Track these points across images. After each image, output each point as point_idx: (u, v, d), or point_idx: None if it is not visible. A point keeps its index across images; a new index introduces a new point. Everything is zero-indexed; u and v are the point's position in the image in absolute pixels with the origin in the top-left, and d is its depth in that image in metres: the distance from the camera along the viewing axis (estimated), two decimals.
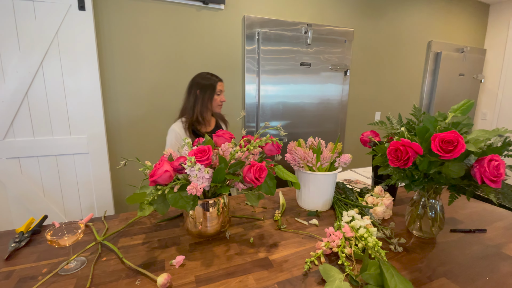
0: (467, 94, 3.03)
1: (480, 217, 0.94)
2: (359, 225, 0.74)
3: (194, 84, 1.41)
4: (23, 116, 1.52)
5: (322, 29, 2.21)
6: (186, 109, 1.42)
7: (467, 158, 0.63)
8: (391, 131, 0.85)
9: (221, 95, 1.43)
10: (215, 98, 1.41)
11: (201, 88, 1.39)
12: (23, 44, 1.45)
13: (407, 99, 2.84)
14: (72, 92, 1.58)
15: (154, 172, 0.67)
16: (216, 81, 1.40)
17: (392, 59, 2.64)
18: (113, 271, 0.64)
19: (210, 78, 1.41)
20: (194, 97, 1.39)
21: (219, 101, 1.43)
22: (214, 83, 1.40)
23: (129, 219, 0.91)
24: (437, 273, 0.64)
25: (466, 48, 2.86)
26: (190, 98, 1.41)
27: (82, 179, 1.68)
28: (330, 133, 2.45)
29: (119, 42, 1.71)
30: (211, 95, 1.39)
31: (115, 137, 1.80)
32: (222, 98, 1.44)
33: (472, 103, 0.71)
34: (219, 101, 1.43)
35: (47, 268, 0.66)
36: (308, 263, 0.64)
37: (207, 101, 1.39)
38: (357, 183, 1.31)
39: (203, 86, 1.39)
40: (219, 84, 1.41)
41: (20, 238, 0.77)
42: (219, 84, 1.41)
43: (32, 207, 1.60)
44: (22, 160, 1.55)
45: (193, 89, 1.41)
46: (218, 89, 1.40)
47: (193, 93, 1.40)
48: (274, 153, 0.82)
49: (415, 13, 2.64)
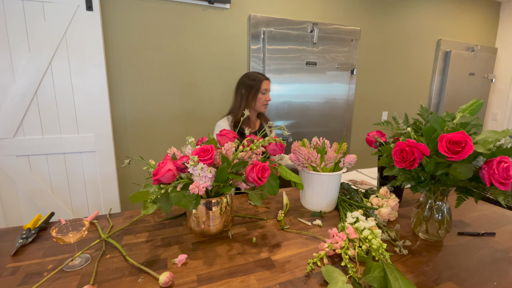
0: (477, 94, 2.96)
1: (489, 220, 0.92)
2: (363, 226, 0.73)
3: (240, 83, 1.44)
4: (33, 115, 1.55)
5: (328, 28, 2.19)
6: (234, 108, 1.45)
7: (475, 160, 0.61)
8: (397, 131, 0.83)
9: (266, 94, 1.42)
10: (260, 97, 1.41)
11: (246, 87, 1.41)
12: (33, 45, 1.48)
13: (415, 99, 2.79)
14: (79, 91, 1.61)
15: (157, 171, 0.67)
16: (262, 80, 1.40)
17: (399, 58, 2.60)
18: (116, 269, 0.65)
19: (255, 77, 1.41)
20: (240, 96, 1.42)
21: (264, 100, 1.42)
22: (259, 82, 1.39)
23: (133, 217, 0.92)
24: (443, 277, 0.62)
25: (476, 46, 2.79)
26: (237, 98, 1.44)
27: (89, 177, 1.71)
28: (336, 133, 2.42)
29: (125, 42, 1.73)
30: (256, 94, 1.40)
31: (121, 136, 1.82)
32: (268, 97, 1.43)
33: (482, 103, 0.69)
34: (264, 100, 1.42)
35: (53, 264, 0.67)
36: (310, 264, 0.64)
37: (251, 100, 1.40)
38: (363, 184, 1.30)
39: (248, 85, 1.40)
40: (265, 82, 1.41)
41: (27, 235, 0.78)
42: (265, 82, 1.41)
43: (40, 204, 1.63)
44: (32, 158, 1.59)
45: (240, 89, 1.43)
46: (263, 88, 1.40)
47: (239, 92, 1.43)
48: (278, 152, 0.81)
49: (423, 11, 2.59)
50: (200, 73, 1.93)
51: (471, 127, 0.68)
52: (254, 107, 1.43)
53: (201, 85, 1.95)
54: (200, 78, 1.93)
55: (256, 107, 1.43)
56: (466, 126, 0.68)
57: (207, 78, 1.95)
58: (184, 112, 1.94)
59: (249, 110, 1.35)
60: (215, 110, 2.02)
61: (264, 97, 1.42)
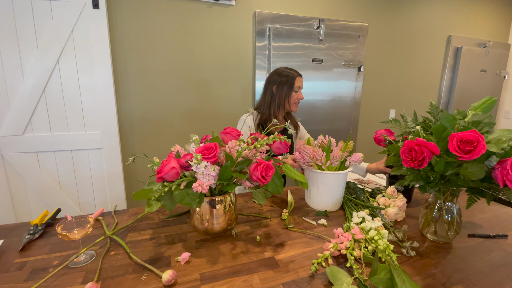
0: (489, 91, 2.87)
1: (501, 222, 0.89)
2: (369, 226, 0.71)
3: (270, 80, 1.30)
4: (41, 112, 1.57)
5: (335, 24, 2.15)
6: (260, 105, 1.32)
7: (487, 159, 0.59)
8: (405, 129, 0.81)
9: (299, 92, 1.29)
10: (292, 95, 1.28)
11: (278, 85, 1.27)
12: (41, 43, 1.50)
13: (424, 97, 2.73)
14: (86, 89, 1.62)
15: (161, 168, 0.67)
16: (295, 77, 1.27)
17: (408, 54, 2.54)
18: (120, 266, 0.65)
19: (288, 74, 1.27)
20: (270, 95, 1.29)
21: (296, 98, 1.29)
22: (292, 79, 1.26)
23: (138, 214, 0.92)
24: (453, 280, 0.60)
25: (488, 42, 2.71)
26: (265, 96, 1.30)
27: (96, 173, 1.73)
28: (342, 131, 2.39)
29: (131, 40, 1.73)
30: (289, 92, 1.27)
31: (127, 133, 1.83)
32: (300, 95, 1.30)
33: (495, 100, 0.67)
34: (296, 98, 1.29)
35: (58, 260, 0.67)
36: (315, 265, 0.63)
37: (284, 98, 1.27)
38: (369, 183, 1.27)
39: (280, 82, 1.27)
40: (298, 79, 1.28)
41: (34, 230, 0.79)
42: (298, 79, 1.28)
43: (49, 200, 1.66)
44: (40, 155, 1.61)
45: (270, 86, 1.29)
46: (296, 86, 1.27)
47: (269, 90, 1.29)
48: (282, 151, 0.80)
49: (433, 6, 2.52)
50: (205, 70, 1.92)
51: (484, 125, 0.65)
52: (284, 106, 1.30)
53: (206, 83, 1.94)
54: (205, 75, 1.93)
55: (286, 106, 1.30)
56: (478, 124, 0.66)
57: (212, 75, 1.95)
58: (189, 109, 1.94)
59: (278, 109, 1.28)
60: (220, 107, 2.01)
61: (296, 95, 1.28)
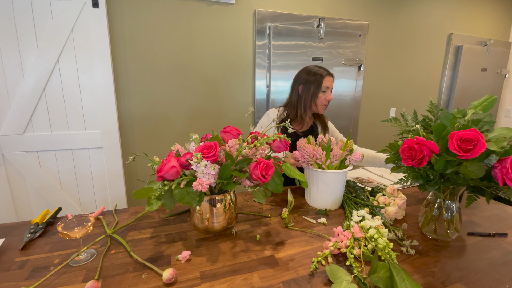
0: (489, 89, 2.87)
1: (501, 220, 0.89)
2: (369, 225, 0.72)
3: (298, 79, 1.23)
4: (41, 112, 1.57)
5: (335, 23, 2.15)
6: (288, 103, 1.27)
7: (487, 158, 0.59)
8: (405, 128, 0.81)
9: (327, 93, 1.20)
10: (319, 95, 1.19)
11: (304, 84, 1.20)
12: (41, 42, 1.50)
13: (424, 95, 2.72)
14: (86, 88, 1.62)
15: (161, 167, 0.67)
16: (323, 76, 1.18)
17: (409, 53, 2.53)
18: (121, 264, 0.66)
19: (316, 72, 1.19)
20: (297, 95, 1.22)
21: (323, 99, 1.20)
22: (320, 79, 1.17)
23: (138, 213, 0.92)
24: (452, 279, 0.61)
25: (489, 41, 2.70)
26: (292, 95, 1.24)
27: (97, 172, 1.73)
28: (343, 130, 2.36)
29: (131, 39, 1.73)
30: (316, 92, 1.18)
31: (128, 132, 1.83)
32: (328, 97, 1.21)
33: (495, 99, 0.66)
34: (323, 100, 1.21)
35: (59, 259, 0.68)
36: (315, 263, 0.63)
37: (310, 99, 1.19)
38: (369, 182, 1.27)
39: (306, 81, 1.19)
40: (327, 79, 1.18)
41: (35, 229, 0.80)
42: (327, 79, 1.18)
43: (50, 199, 1.67)
44: (41, 154, 1.62)
45: (296, 85, 1.23)
46: (324, 86, 1.18)
47: (296, 89, 1.23)
48: (282, 150, 0.80)
49: (434, 4, 2.51)
50: (205, 69, 1.92)
51: (484, 124, 0.65)
52: (313, 108, 1.22)
53: (206, 82, 1.94)
54: (205, 74, 1.93)
55: (313, 107, 1.22)
56: (478, 123, 0.66)
57: (212, 74, 1.95)
58: (189, 108, 1.94)
59: (304, 111, 1.21)
60: (220, 106, 2.01)
61: (324, 96, 1.20)
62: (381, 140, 2.62)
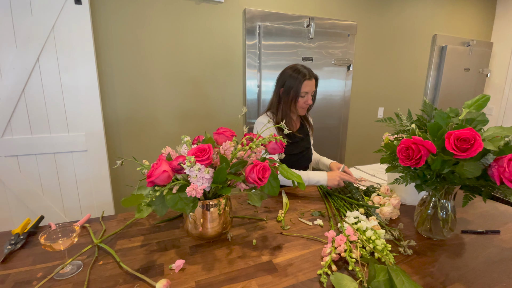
0: (472, 89, 2.96)
1: (492, 217, 0.90)
2: (365, 227, 0.71)
3: (279, 80, 1.25)
4: (21, 114, 1.48)
5: (325, 23, 2.15)
6: (271, 105, 1.29)
7: (484, 157, 0.59)
8: (400, 128, 0.81)
9: (306, 97, 1.21)
10: (299, 100, 1.21)
11: (284, 87, 1.22)
12: (20, 40, 1.42)
13: (411, 95, 2.78)
14: (69, 89, 1.54)
15: (151, 172, 0.63)
16: (302, 81, 1.18)
17: (396, 53, 2.58)
18: (110, 276, 0.62)
19: (296, 76, 1.19)
20: (277, 97, 1.24)
21: (302, 103, 1.22)
22: (299, 84, 1.18)
23: (127, 219, 0.88)
24: (451, 278, 0.61)
25: (472, 41, 2.79)
26: (274, 96, 1.26)
27: (81, 177, 1.66)
28: (332, 129, 2.41)
29: (116, 37, 1.67)
30: (294, 98, 1.20)
31: (114, 134, 1.77)
32: (308, 101, 1.22)
33: (488, 98, 0.67)
34: (302, 104, 1.23)
35: (42, 272, 0.63)
36: (323, 276, 0.58)
37: (290, 104, 1.22)
38: (361, 181, 1.28)
39: (287, 87, 1.21)
40: (306, 84, 1.18)
41: (16, 240, 0.74)
42: (306, 84, 1.18)
43: (31, 205, 1.58)
44: (21, 158, 1.53)
45: (278, 85, 1.25)
46: (303, 92, 1.19)
47: (276, 92, 1.25)
48: (278, 151, 0.78)
49: (420, 5, 2.57)
50: (194, 69, 1.88)
51: (477, 123, 0.66)
52: (293, 110, 1.26)
53: (195, 82, 1.90)
54: (194, 74, 1.88)
55: (293, 109, 1.25)
56: (472, 122, 0.66)
57: (202, 74, 1.90)
58: (179, 109, 1.89)
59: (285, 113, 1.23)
60: (210, 107, 1.98)
61: (303, 101, 1.22)
62: (369, 138, 2.66)
